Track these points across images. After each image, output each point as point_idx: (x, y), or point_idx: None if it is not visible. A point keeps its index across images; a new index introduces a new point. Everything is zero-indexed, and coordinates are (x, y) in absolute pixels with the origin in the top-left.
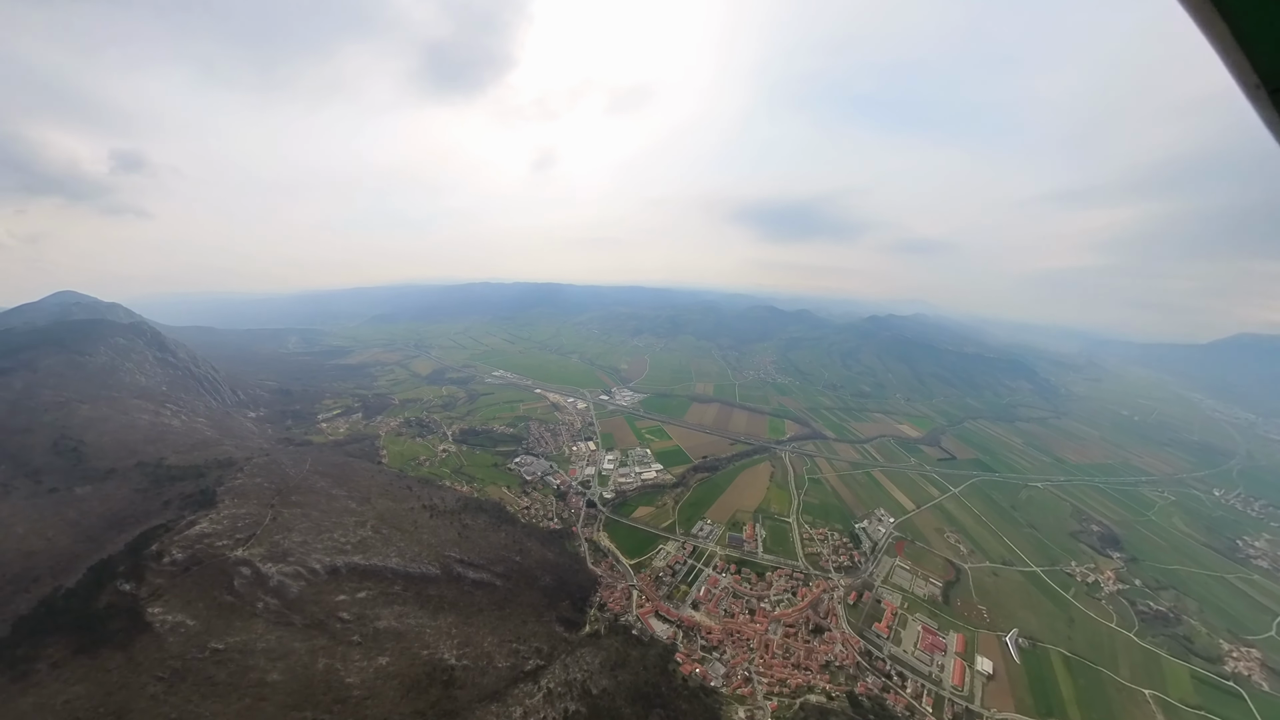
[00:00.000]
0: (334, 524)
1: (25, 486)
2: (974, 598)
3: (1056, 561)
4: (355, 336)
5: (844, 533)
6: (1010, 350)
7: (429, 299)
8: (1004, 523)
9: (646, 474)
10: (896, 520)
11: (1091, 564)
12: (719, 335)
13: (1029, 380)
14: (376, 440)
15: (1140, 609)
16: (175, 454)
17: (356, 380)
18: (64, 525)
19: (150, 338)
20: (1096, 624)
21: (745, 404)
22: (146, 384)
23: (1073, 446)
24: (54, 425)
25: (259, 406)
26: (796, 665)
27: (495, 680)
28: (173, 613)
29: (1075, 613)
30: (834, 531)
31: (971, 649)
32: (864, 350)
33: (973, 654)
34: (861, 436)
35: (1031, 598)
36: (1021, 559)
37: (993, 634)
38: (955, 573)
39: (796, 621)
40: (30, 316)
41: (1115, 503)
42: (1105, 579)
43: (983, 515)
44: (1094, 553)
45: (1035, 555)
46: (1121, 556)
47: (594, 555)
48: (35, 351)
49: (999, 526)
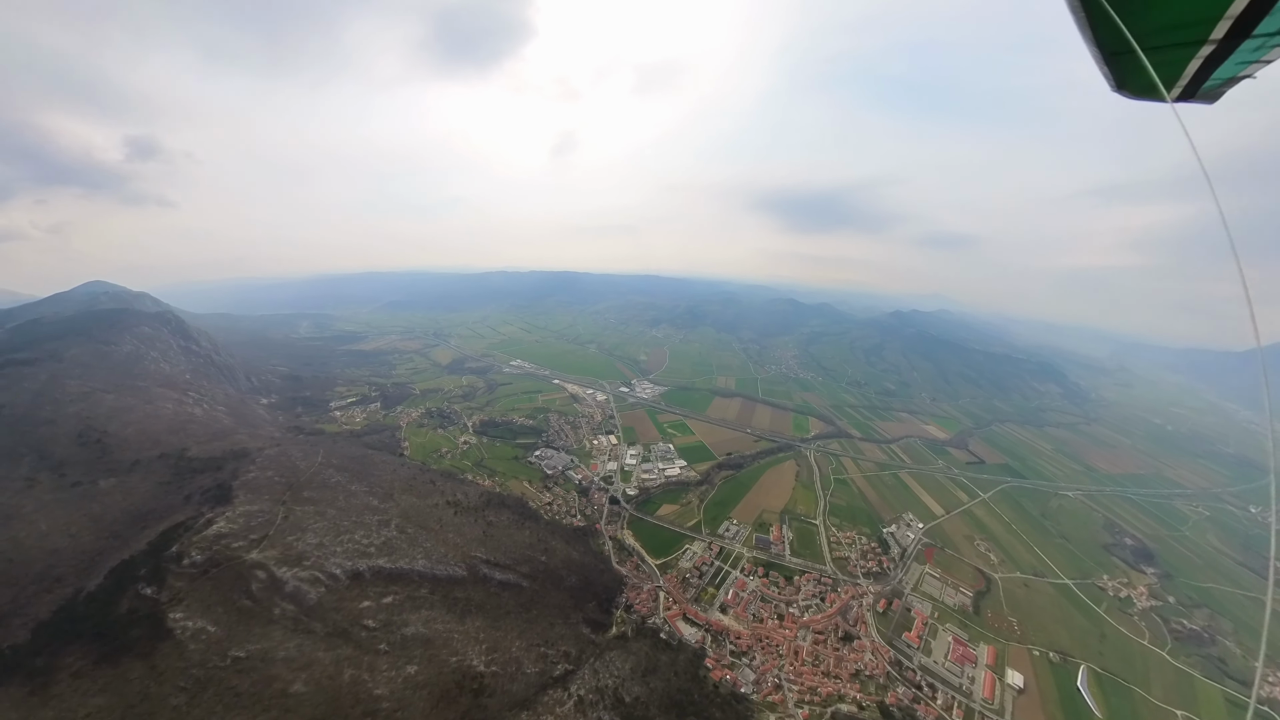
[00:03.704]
0: (354, 524)
1: (49, 480)
2: (1005, 609)
3: (1088, 574)
4: (369, 322)
5: (872, 537)
6: (1038, 351)
7: (445, 287)
8: (1035, 532)
9: (670, 470)
10: (925, 526)
11: (1124, 578)
12: (739, 327)
13: (1058, 383)
14: (398, 431)
15: (1173, 627)
16: (196, 444)
17: (372, 368)
18: (87, 521)
19: (175, 326)
20: (1129, 641)
21: (768, 399)
22: (170, 372)
23: (1103, 454)
24: (78, 416)
25: (271, 393)
26: (826, 673)
27: (524, 687)
28: (193, 618)
29: (1107, 628)
30: (861, 535)
31: (1002, 662)
32: (887, 347)
33: (1003, 667)
34: (887, 436)
35: (1063, 611)
36: (1053, 570)
37: (1024, 647)
38: (986, 582)
39: (826, 628)
40: (60, 306)
41: (1148, 515)
42: (1138, 594)
43: (1013, 523)
44: (1126, 567)
45: (1067, 567)
46: (1155, 572)
47: (619, 554)
48: (61, 341)
49: (1030, 536)
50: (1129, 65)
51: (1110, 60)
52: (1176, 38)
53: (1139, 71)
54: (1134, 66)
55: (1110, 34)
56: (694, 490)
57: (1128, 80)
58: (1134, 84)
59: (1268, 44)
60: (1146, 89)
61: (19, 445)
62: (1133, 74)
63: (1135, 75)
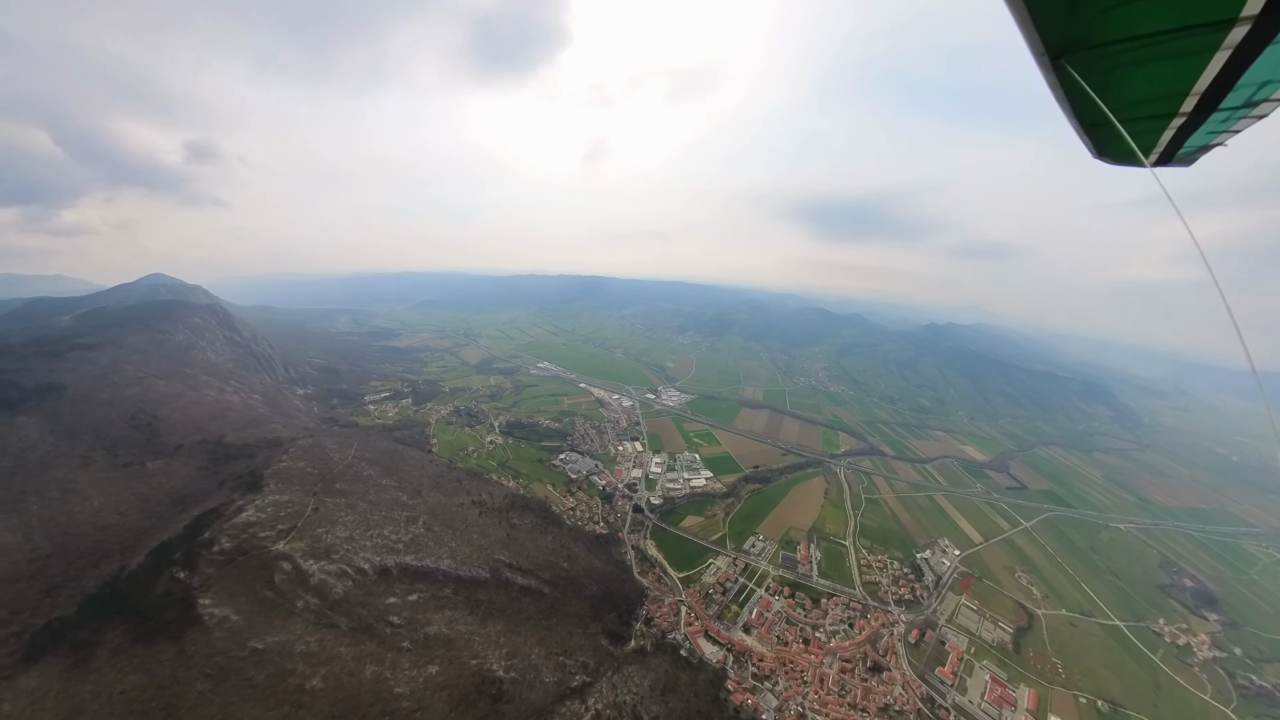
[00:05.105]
0: (384, 518)
1: (103, 459)
2: (1048, 649)
3: (1142, 617)
4: (403, 320)
5: (904, 562)
6: (1086, 370)
7: (476, 288)
8: (1082, 566)
9: (695, 481)
10: (962, 553)
11: (1183, 624)
12: (767, 337)
13: (1108, 405)
14: (427, 428)
15: (1240, 682)
16: (233, 431)
17: (405, 364)
18: (134, 500)
19: (222, 318)
20: (1187, 694)
21: (796, 412)
22: (216, 361)
23: (1159, 485)
24: (133, 399)
25: (307, 384)
26: (853, 705)
27: (542, 696)
28: (220, 606)
29: (1163, 678)
30: (893, 560)
31: (1045, 707)
32: (923, 361)
33: (1045, 712)
34: (922, 456)
35: (1113, 656)
36: (1102, 610)
37: (1069, 692)
38: (1027, 618)
39: (854, 656)
40: (124, 296)
41: (1211, 555)
42: (1199, 643)
43: (1058, 555)
44: (1186, 611)
45: (1117, 607)
46: (1219, 619)
47: (641, 564)
48: (123, 329)
49: (1076, 570)
50: (1107, 135)
51: (1089, 130)
52: (1149, 111)
53: (1117, 140)
54: (1112, 136)
55: (1088, 107)
56: (719, 502)
57: (1107, 148)
58: (1113, 151)
59: (1234, 116)
60: (1125, 156)
61: (80, 424)
62: (1111, 143)
63: (1113, 144)
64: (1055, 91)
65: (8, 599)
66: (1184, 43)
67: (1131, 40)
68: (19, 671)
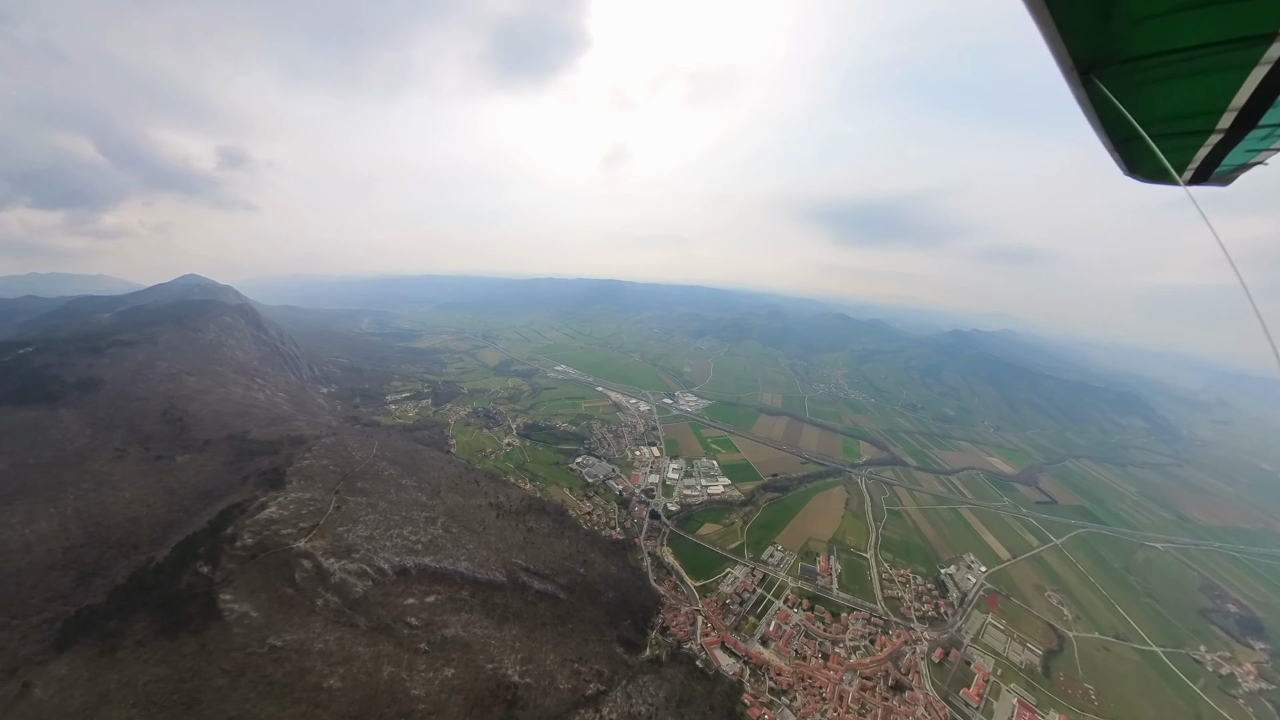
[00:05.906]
0: (404, 518)
1: (136, 452)
2: (1080, 673)
3: (1182, 643)
4: (424, 322)
5: (928, 577)
6: (1119, 379)
7: (495, 291)
8: (1116, 587)
9: (713, 488)
10: (989, 570)
11: (1226, 652)
12: (786, 342)
13: (1143, 417)
14: (445, 428)
15: None
16: (258, 428)
17: (425, 365)
18: (163, 493)
19: (250, 317)
20: None
21: (816, 420)
22: (243, 359)
23: (1199, 503)
24: (165, 395)
25: (331, 383)
26: None
27: (556, 703)
28: (240, 601)
29: (1204, 709)
30: (916, 574)
31: None
32: (946, 368)
33: None
34: (946, 467)
35: (1149, 684)
36: (1138, 634)
37: None
38: (1058, 640)
39: (874, 674)
40: (161, 295)
41: (1256, 579)
42: (1244, 673)
43: (1091, 575)
44: (1230, 638)
45: (1155, 632)
46: (1265, 648)
47: (657, 571)
48: (158, 327)
49: (1110, 591)
50: (1138, 151)
51: (1120, 146)
52: (1183, 127)
53: (1149, 157)
54: (1144, 152)
55: (1118, 123)
56: (737, 511)
57: (1139, 165)
58: (1145, 169)
59: (1275, 134)
60: (1158, 174)
61: (115, 417)
62: (1143, 160)
63: (1145, 161)
64: (1084, 106)
65: (44, 586)
66: (1221, 57)
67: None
68: (50, 658)
